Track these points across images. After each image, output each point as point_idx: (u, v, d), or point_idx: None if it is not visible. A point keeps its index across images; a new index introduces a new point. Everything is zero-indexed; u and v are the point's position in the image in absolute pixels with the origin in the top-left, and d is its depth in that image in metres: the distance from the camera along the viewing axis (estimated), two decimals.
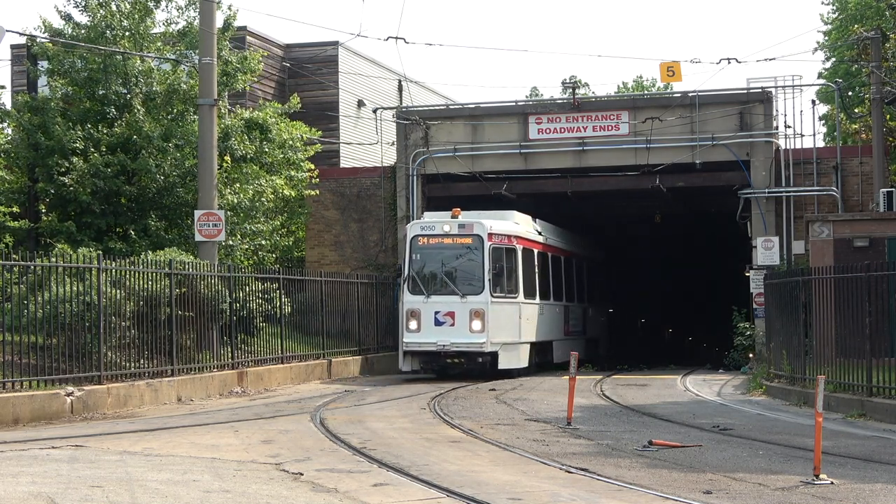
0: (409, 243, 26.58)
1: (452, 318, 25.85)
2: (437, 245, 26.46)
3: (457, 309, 25.84)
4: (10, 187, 27.27)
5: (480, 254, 26.02)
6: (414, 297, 26.12)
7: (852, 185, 30.73)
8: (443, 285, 26.25)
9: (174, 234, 26.45)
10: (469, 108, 33.90)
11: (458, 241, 26.34)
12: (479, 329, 25.71)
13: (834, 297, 19.11)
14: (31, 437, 14.79)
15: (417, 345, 26.07)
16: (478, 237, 26.14)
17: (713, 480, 11.52)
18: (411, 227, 27.17)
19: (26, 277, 18.26)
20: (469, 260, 26.27)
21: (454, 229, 26.34)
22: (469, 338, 25.74)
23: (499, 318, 26.11)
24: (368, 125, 36.00)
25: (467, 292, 25.88)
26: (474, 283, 26.00)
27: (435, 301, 25.97)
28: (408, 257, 26.49)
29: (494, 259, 26.09)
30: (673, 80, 30.63)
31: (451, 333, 25.78)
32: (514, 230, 27.43)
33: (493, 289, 25.98)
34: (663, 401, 20.79)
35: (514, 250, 27.02)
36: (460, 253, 26.43)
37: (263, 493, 10.56)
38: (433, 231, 26.48)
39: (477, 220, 26.48)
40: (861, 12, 41.09)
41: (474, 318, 25.71)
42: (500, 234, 26.54)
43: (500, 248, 26.43)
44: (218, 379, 22.19)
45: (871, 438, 15.02)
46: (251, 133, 27.62)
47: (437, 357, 26.20)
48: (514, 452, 13.55)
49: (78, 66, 26.88)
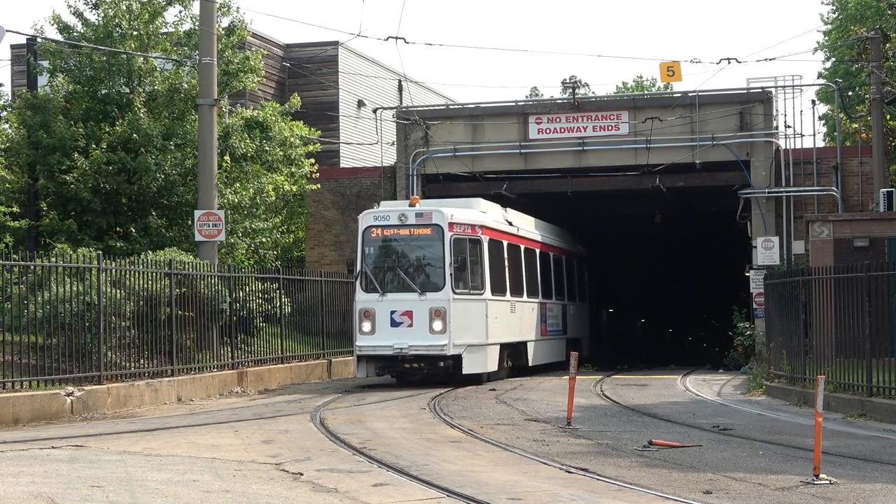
0: (362, 235, 24.10)
1: (410, 317, 23.39)
2: (392, 237, 23.98)
3: (415, 308, 23.38)
4: (11, 187, 27.29)
5: (440, 245, 23.53)
6: (367, 296, 23.71)
7: (852, 185, 30.74)
8: (399, 281, 23.76)
9: (175, 234, 26.47)
10: (469, 108, 33.90)
11: (416, 231, 23.83)
12: (440, 329, 23.22)
13: (834, 297, 19.10)
14: (31, 437, 14.79)
15: (371, 348, 23.63)
16: (437, 227, 23.62)
17: (713, 480, 11.52)
18: (364, 216, 24.49)
19: (26, 277, 18.26)
20: (428, 253, 23.83)
21: (411, 219, 23.78)
22: (429, 339, 23.27)
23: (463, 317, 23.62)
24: (368, 125, 36.02)
25: (427, 289, 23.43)
26: (434, 279, 23.60)
27: (391, 299, 23.53)
28: (360, 251, 24.11)
29: (457, 251, 23.60)
30: (673, 80, 30.64)
31: (409, 335, 23.30)
32: (480, 219, 24.82)
33: (456, 284, 23.48)
34: (663, 401, 20.78)
35: (479, 241, 24.45)
36: (418, 245, 23.94)
37: (263, 493, 10.56)
38: (388, 221, 23.92)
39: (436, 209, 24.07)
40: (861, 12, 41.12)
41: (434, 318, 23.22)
42: (462, 223, 23.99)
43: (463, 238, 23.91)
44: (218, 379, 22.20)
45: (871, 438, 15.02)
46: (251, 132, 27.66)
47: (394, 361, 23.73)
48: (514, 452, 13.54)
49: (84, 64, 26.96)
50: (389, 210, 24.33)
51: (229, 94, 28.32)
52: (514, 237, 27.20)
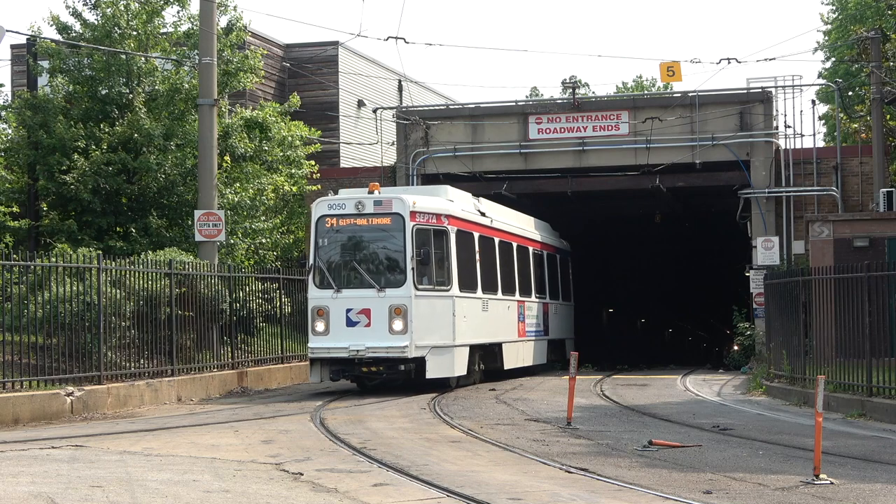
0: (315, 226, 22.10)
1: (368, 316, 21.33)
2: (348, 227, 21.86)
3: (373, 305, 21.33)
4: (11, 187, 27.30)
5: (401, 236, 21.49)
6: (321, 293, 21.75)
7: (852, 185, 30.74)
8: (356, 277, 21.78)
9: (175, 234, 26.47)
10: (469, 108, 33.91)
11: (375, 221, 21.78)
12: (400, 329, 21.17)
13: (834, 297, 19.11)
14: (31, 437, 14.79)
15: (325, 350, 21.63)
16: (397, 216, 21.56)
17: (713, 480, 11.52)
18: (317, 205, 22.44)
19: (26, 277, 18.26)
20: (388, 244, 21.85)
21: (369, 207, 21.73)
22: (388, 340, 21.20)
23: (426, 316, 21.57)
24: (368, 125, 36.01)
25: (386, 284, 21.47)
26: (394, 273, 21.63)
27: (347, 296, 21.52)
28: (313, 243, 22.09)
29: (420, 242, 21.54)
30: (673, 80, 30.64)
31: (366, 336, 21.26)
32: (446, 208, 22.63)
33: (419, 279, 21.48)
34: (663, 401, 20.79)
35: (446, 232, 22.27)
36: (377, 236, 21.91)
37: (263, 493, 10.56)
38: (343, 210, 21.88)
39: (396, 196, 22.06)
40: (861, 12, 41.11)
41: (395, 316, 21.19)
42: (426, 212, 21.87)
43: (427, 229, 21.80)
44: (218, 379, 22.20)
45: (871, 438, 15.02)
46: (251, 132, 27.67)
47: (350, 365, 21.64)
48: (514, 452, 13.54)
49: (83, 64, 26.98)
50: (346, 198, 22.26)
51: (229, 94, 28.32)
52: (487, 229, 25.11)
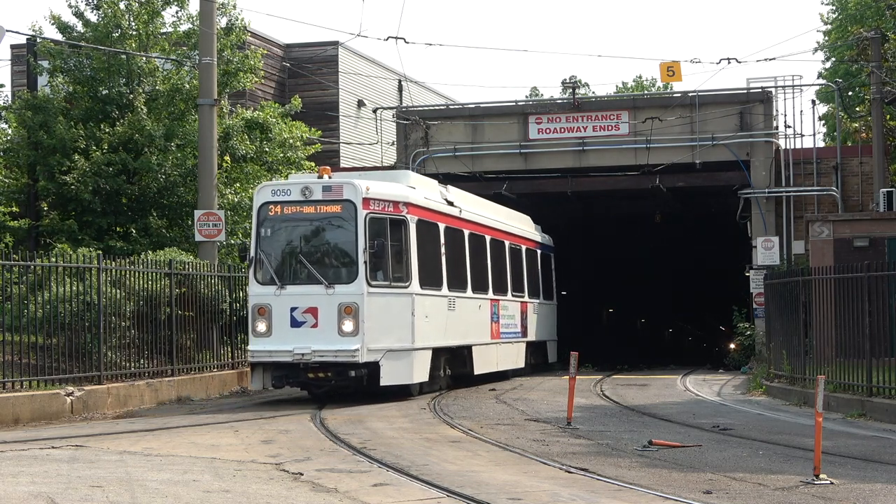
0: (257, 213, 19.96)
1: (315, 315, 19.23)
2: (293, 216, 19.75)
3: (321, 303, 19.18)
4: (11, 187, 27.30)
5: (353, 226, 19.29)
6: (263, 289, 19.60)
7: (852, 185, 30.75)
8: (302, 271, 19.60)
9: (175, 234, 26.49)
10: (469, 108, 33.92)
11: (323, 209, 19.59)
12: (350, 331, 19.01)
13: (834, 297, 19.12)
14: (31, 437, 14.79)
15: (267, 354, 19.41)
16: (349, 203, 19.35)
17: (713, 480, 11.51)
18: (260, 190, 20.36)
19: (26, 277, 18.27)
20: (337, 235, 19.72)
21: (317, 193, 19.54)
22: (337, 343, 19.02)
23: (381, 316, 19.42)
24: (368, 125, 36.02)
25: (335, 280, 19.28)
26: (344, 268, 19.48)
27: (291, 293, 19.36)
28: (254, 233, 20.00)
29: (373, 233, 19.33)
30: (673, 80, 30.64)
31: (313, 337, 19.10)
32: (405, 195, 20.38)
33: (372, 275, 19.30)
34: (663, 401, 20.79)
35: (405, 222, 20.07)
36: (326, 226, 19.77)
37: (263, 493, 10.56)
38: (289, 196, 19.70)
39: (347, 181, 19.80)
40: (861, 12, 41.09)
41: (344, 316, 19.01)
42: (381, 199, 19.69)
43: (383, 218, 19.62)
44: (218, 379, 22.21)
45: (871, 438, 15.02)
46: (252, 133, 27.68)
47: (295, 370, 19.51)
48: (514, 452, 13.54)
49: (83, 64, 26.99)
50: (292, 183, 20.23)
51: (229, 95, 28.34)
52: (455, 220, 22.86)
